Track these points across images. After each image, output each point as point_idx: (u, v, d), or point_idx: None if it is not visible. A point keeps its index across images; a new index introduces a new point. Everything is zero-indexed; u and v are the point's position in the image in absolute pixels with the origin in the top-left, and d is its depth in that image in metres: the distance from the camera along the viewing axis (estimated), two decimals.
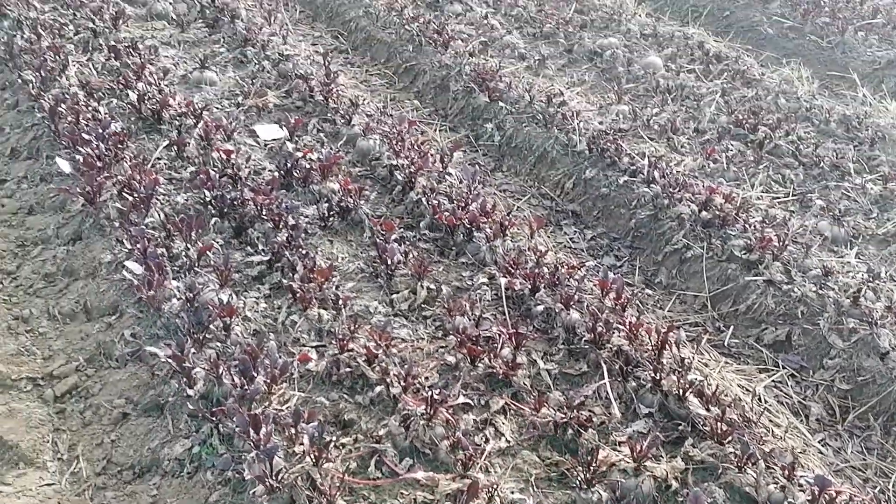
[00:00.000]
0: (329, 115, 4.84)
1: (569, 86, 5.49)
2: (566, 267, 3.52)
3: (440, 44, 5.75)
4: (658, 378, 2.88)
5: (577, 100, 5.22)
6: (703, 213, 3.95)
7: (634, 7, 6.71)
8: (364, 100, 5.15)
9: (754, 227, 3.86)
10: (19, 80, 4.61)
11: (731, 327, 3.56)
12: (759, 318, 3.53)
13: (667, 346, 3.00)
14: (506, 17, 6.50)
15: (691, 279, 3.83)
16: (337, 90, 5.05)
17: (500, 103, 5.10)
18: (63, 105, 4.22)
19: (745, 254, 3.71)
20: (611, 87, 5.47)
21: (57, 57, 4.77)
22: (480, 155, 4.95)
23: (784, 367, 3.32)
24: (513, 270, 3.44)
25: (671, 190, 4.10)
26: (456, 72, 5.47)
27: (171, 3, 6.10)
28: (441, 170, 4.29)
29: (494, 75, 5.30)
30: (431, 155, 4.37)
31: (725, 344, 3.47)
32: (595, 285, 3.44)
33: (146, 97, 4.52)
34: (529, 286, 3.36)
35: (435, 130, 5.12)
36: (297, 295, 3.14)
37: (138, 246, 3.19)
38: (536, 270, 3.43)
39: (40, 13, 5.48)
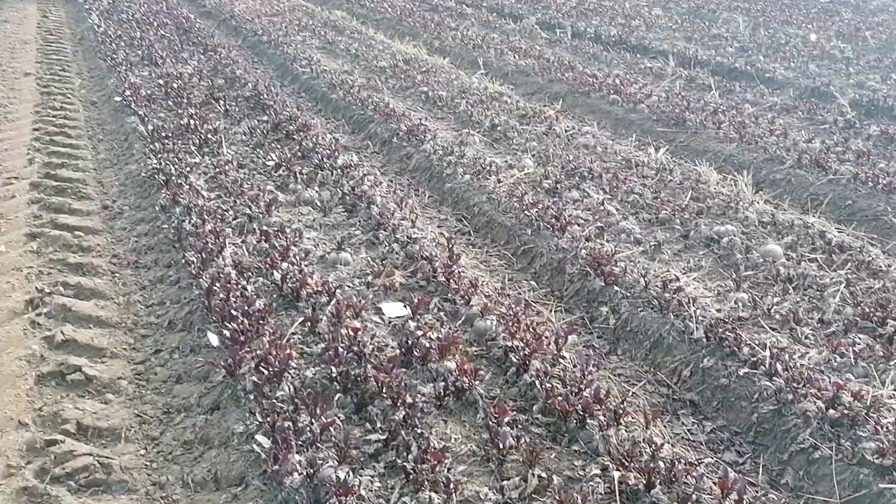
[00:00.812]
0: (450, 294, 5.11)
1: (685, 272, 5.56)
2: (683, 462, 3.43)
3: (557, 228, 6.04)
4: None
5: (693, 286, 5.26)
6: (831, 410, 3.78)
7: (751, 195, 6.81)
8: (483, 280, 5.42)
9: (887, 428, 3.64)
10: (183, 261, 5.26)
11: None
12: None
13: None
14: (622, 203, 6.76)
15: (820, 482, 3.60)
16: (458, 271, 5.36)
17: (616, 287, 5.22)
18: (217, 283, 4.75)
19: (877, 458, 3.48)
20: (728, 274, 5.49)
21: (216, 240, 5.42)
22: (595, 337, 5.01)
23: None
24: (627, 463, 3.39)
25: (795, 384, 3.98)
26: (572, 255, 5.69)
27: (317, 191, 6.84)
28: (555, 352, 4.39)
29: (610, 259, 5.47)
30: (546, 337, 4.48)
31: None
32: (715, 484, 3.32)
33: (288, 276, 5.00)
34: (644, 481, 3.29)
35: (550, 311, 5.27)
36: (410, 476, 3.23)
37: (268, 419, 3.45)
38: (652, 465, 3.36)
39: (206, 200, 6.28)
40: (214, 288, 4.71)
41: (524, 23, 14.38)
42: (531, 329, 4.55)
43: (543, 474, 3.38)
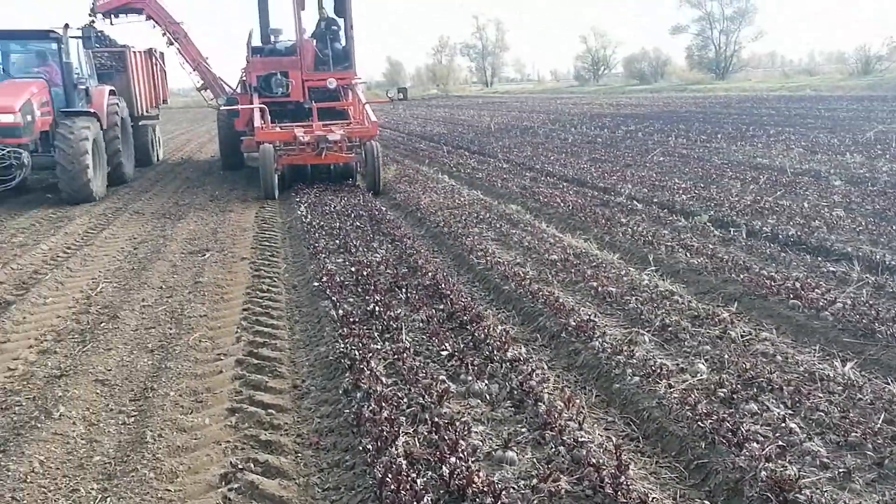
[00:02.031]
0: None
1: None
2: None
3: (734, 444, 5.76)
4: None
5: None
6: None
7: None
8: (652, 496, 5.23)
9: None
10: (360, 447, 5.59)
11: None
12: None
13: None
14: (805, 420, 6.35)
15: None
16: (627, 483, 5.23)
17: None
18: (389, 475, 4.99)
19: None
20: None
21: (391, 428, 5.74)
22: None
23: None
24: None
25: None
26: (751, 476, 5.37)
27: (486, 384, 7.08)
28: None
29: (794, 485, 5.11)
30: None
31: None
32: None
33: (455, 472, 5.14)
34: None
35: None
36: None
37: None
38: None
39: (384, 387, 6.71)
40: (387, 479, 4.94)
41: (696, 220, 14.48)
42: None
43: None
